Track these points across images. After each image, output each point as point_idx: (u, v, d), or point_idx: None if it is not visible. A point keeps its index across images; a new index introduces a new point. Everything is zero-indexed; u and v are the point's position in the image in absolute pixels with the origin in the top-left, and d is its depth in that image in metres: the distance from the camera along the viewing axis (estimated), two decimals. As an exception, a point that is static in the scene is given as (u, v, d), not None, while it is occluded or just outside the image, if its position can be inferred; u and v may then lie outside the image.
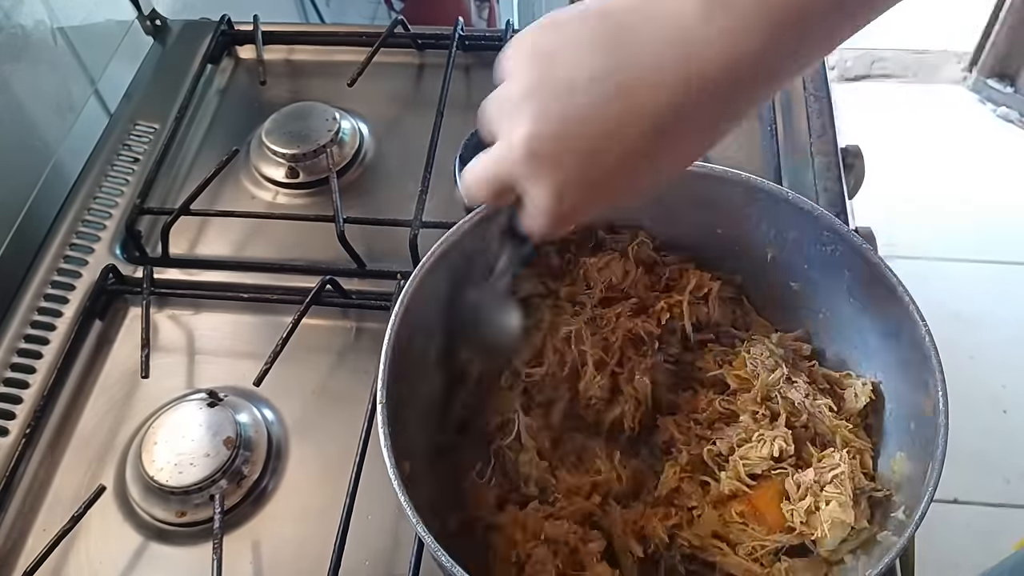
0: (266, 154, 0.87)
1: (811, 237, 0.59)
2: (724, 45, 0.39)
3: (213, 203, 0.85)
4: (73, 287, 0.79)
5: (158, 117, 0.93)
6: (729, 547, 0.56)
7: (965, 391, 1.67)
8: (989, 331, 1.83)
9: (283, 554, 0.64)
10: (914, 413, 0.54)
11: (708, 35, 0.39)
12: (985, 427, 1.68)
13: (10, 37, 0.84)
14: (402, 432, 0.52)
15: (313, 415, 0.71)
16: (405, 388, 0.55)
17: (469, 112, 0.91)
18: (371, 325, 0.76)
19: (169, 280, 0.79)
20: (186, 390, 0.73)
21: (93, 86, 0.96)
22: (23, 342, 0.76)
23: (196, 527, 0.65)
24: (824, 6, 0.39)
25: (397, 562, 0.63)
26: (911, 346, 0.54)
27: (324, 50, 1.00)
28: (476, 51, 0.97)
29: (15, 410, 0.72)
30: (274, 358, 0.70)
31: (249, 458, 0.67)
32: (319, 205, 0.85)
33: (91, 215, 0.85)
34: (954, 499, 1.60)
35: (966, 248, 1.98)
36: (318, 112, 0.89)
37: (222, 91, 0.97)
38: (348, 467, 0.64)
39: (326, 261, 0.80)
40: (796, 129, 0.86)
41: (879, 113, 2.29)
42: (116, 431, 0.71)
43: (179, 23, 1.03)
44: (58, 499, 0.68)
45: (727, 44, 0.39)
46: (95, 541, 0.65)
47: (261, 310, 0.77)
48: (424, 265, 0.57)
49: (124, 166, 0.89)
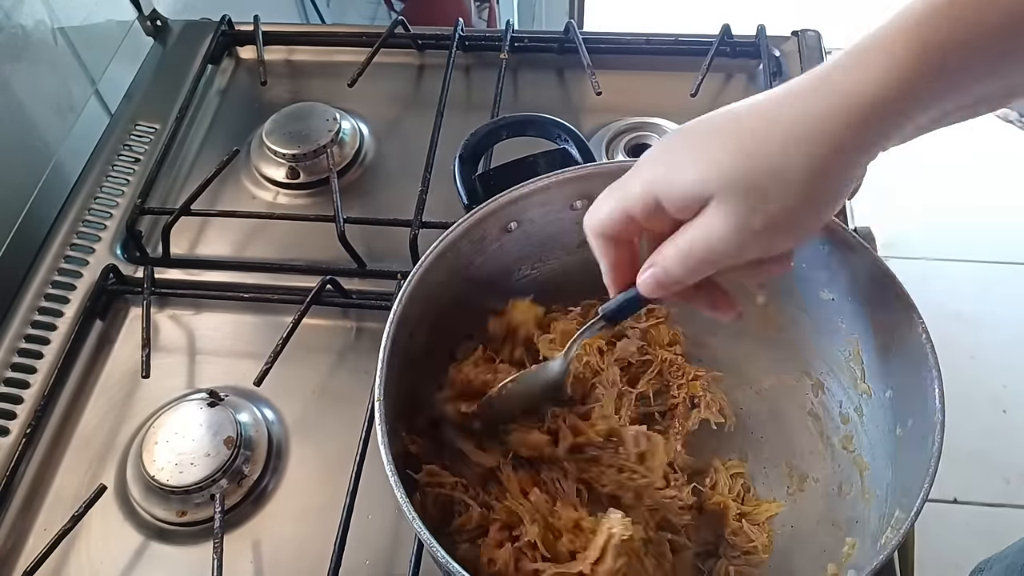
0: (267, 154, 0.87)
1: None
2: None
3: (214, 203, 0.85)
4: (74, 287, 0.79)
5: (159, 117, 0.93)
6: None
7: (965, 391, 1.68)
8: (989, 331, 1.83)
9: (283, 554, 0.64)
10: (912, 410, 0.54)
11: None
12: (985, 427, 1.68)
13: (10, 37, 0.84)
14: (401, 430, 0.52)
15: (313, 415, 0.71)
16: (403, 386, 0.55)
17: (469, 112, 0.92)
18: (371, 325, 0.76)
19: (170, 280, 0.80)
20: (187, 390, 0.73)
21: (94, 86, 0.96)
22: (24, 342, 0.76)
23: (197, 527, 0.65)
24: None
25: (397, 562, 0.63)
26: (908, 344, 0.54)
27: (324, 50, 1.00)
28: (476, 51, 0.97)
29: (16, 410, 0.72)
30: (274, 358, 0.70)
31: (249, 458, 0.67)
32: (319, 205, 0.85)
33: (92, 215, 0.85)
34: (954, 499, 1.60)
35: (966, 248, 1.97)
36: (318, 112, 0.89)
37: (222, 91, 0.97)
38: (348, 467, 0.64)
39: (326, 261, 0.80)
40: (796, 129, 0.86)
41: (879, 113, 2.29)
42: (117, 431, 0.71)
43: (179, 23, 1.03)
44: (59, 499, 0.68)
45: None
46: (96, 541, 0.65)
47: (261, 310, 0.78)
48: (422, 264, 0.57)
49: (125, 166, 0.89)
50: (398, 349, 0.55)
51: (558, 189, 0.62)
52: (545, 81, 0.95)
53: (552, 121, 0.71)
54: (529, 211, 0.62)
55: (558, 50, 0.95)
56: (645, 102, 0.90)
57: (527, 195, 0.61)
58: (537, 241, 0.65)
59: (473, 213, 0.59)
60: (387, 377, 0.53)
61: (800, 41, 0.95)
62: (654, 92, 0.92)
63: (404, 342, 0.56)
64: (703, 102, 0.88)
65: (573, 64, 0.93)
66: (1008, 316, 1.86)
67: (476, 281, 0.64)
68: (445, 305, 0.61)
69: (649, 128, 0.87)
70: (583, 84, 0.91)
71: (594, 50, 0.92)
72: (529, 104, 0.91)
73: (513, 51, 0.95)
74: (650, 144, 0.85)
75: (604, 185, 0.57)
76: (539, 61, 0.96)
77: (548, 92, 0.94)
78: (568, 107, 0.92)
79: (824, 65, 0.41)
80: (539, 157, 0.68)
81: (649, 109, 0.89)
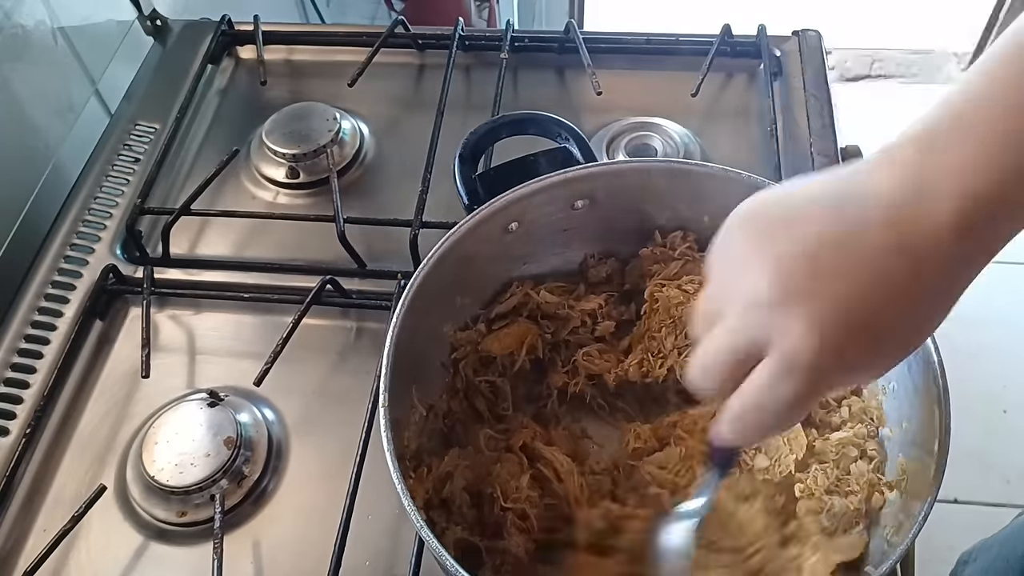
0: (266, 154, 0.87)
1: None
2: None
3: (214, 203, 0.85)
4: (74, 287, 0.79)
5: (158, 117, 0.93)
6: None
7: (965, 391, 1.67)
8: (989, 331, 1.83)
9: (283, 554, 0.64)
10: (915, 413, 0.54)
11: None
12: (985, 427, 1.68)
13: (10, 37, 0.84)
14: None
15: (313, 415, 0.71)
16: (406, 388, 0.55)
17: (469, 112, 0.91)
18: (371, 325, 0.76)
19: (170, 280, 0.79)
20: (186, 390, 0.73)
21: (93, 86, 0.96)
22: (24, 342, 0.76)
23: (197, 527, 0.65)
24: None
25: (397, 562, 0.63)
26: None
27: (324, 50, 1.00)
28: (476, 51, 0.97)
29: (16, 410, 0.72)
30: (274, 358, 0.70)
31: (250, 458, 0.67)
32: (319, 205, 0.85)
33: (92, 215, 0.85)
34: (954, 499, 1.60)
35: (966, 248, 1.97)
36: (318, 112, 0.89)
37: (222, 91, 0.97)
38: (348, 467, 0.64)
39: (326, 261, 0.80)
40: (796, 129, 0.86)
41: (879, 113, 2.29)
42: (117, 431, 0.71)
43: (179, 23, 1.03)
44: (59, 499, 0.68)
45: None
46: (96, 541, 0.65)
47: (261, 310, 0.77)
48: (425, 266, 0.57)
49: (125, 166, 0.89)
50: (401, 351, 0.55)
51: (559, 189, 0.62)
52: (545, 81, 0.95)
53: (553, 119, 0.70)
54: (530, 211, 0.62)
55: (558, 50, 0.95)
56: (645, 102, 0.90)
57: (528, 195, 0.61)
58: (538, 240, 0.65)
59: (475, 214, 0.59)
60: (392, 377, 0.53)
61: (800, 41, 0.95)
62: (654, 92, 0.91)
63: (406, 345, 0.55)
64: (703, 102, 0.88)
65: (573, 64, 0.93)
66: (1008, 316, 1.86)
67: (477, 281, 0.64)
68: (447, 306, 0.61)
69: (649, 128, 0.86)
70: (583, 84, 0.91)
71: (594, 50, 0.92)
72: (529, 104, 0.91)
73: (513, 51, 0.95)
74: (650, 144, 0.85)
75: (606, 185, 0.57)
76: (539, 61, 0.96)
77: (548, 92, 0.94)
78: (568, 107, 0.92)
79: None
80: (540, 156, 0.67)
81: (649, 109, 0.89)
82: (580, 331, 0.67)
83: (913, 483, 0.53)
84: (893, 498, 0.54)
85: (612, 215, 0.66)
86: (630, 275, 0.69)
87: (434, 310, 0.60)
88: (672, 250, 0.66)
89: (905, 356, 0.39)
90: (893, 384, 0.57)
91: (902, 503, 0.53)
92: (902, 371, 0.56)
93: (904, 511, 0.52)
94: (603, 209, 0.65)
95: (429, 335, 0.61)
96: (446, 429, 0.63)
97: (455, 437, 0.63)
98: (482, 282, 0.65)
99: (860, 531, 0.55)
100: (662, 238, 0.67)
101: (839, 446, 0.58)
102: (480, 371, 0.64)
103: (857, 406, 0.60)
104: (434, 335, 0.63)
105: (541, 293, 0.66)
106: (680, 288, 0.64)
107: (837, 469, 0.57)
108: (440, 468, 0.58)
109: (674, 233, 0.66)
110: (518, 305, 0.66)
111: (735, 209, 0.40)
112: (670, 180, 0.63)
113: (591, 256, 0.69)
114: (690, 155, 0.83)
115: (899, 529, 0.51)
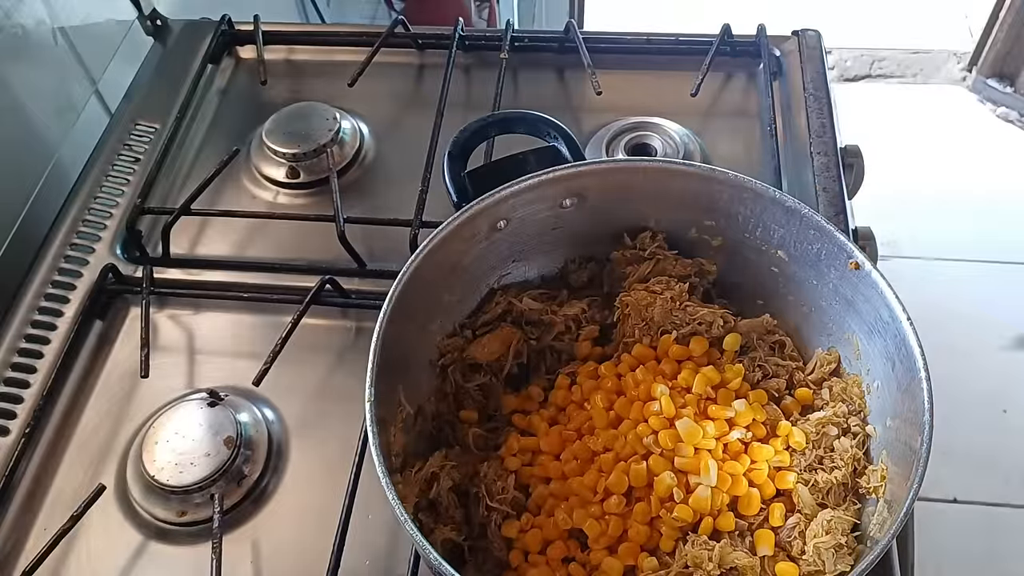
0: (267, 154, 0.87)
1: (797, 235, 0.60)
2: None
3: (214, 203, 0.85)
4: (74, 287, 0.79)
5: (159, 117, 0.93)
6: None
7: (965, 391, 1.68)
8: (989, 331, 1.83)
9: (283, 554, 0.64)
10: (900, 410, 0.54)
11: None
12: (985, 427, 1.68)
13: (10, 37, 0.84)
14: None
15: (313, 415, 0.71)
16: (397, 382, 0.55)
17: (469, 112, 0.91)
18: (371, 325, 0.75)
19: (169, 280, 0.80)
20: (186, 390, 0.73)
21: (93, 86, 0.96)
22: (24, 342, 0.76)
23: (196, 526, 0.65)
24: None
25: (397, 562, 0.63)
26: (897, 344, 0.54)
27: (324, 50, 1.00)
28: (476, 51, 0.97)
29: (15, 409, 0.72)
30: (274, 358, 0.70)
31: (249, 457, 0.67)
32: (319, 205, 0.85)
33: (92, 215, 0.85)
34: (954, 499, 1.60)
35: (966, 248, 1.97)
36: (318, 112, 0.89)
37: (222, 91, 0.97)
38: (348, 467, 0.64)
39: (326, 261, 0.80)
40: (796, 129, 0.86)
41: (879, 113, 2.29)
42: (116, 431, 0.71)
43: (179, 23, 1.03)
44: (58, 498, 0.68)
45: None
46: (95, 540, 0.65)
47: (261, 310, 0.77)
48: (413, 263, 0.57)
49: (125, 166, 0.89)
50: (388, 348, 0.55)
51: (548, 187, 0.62)
52: (545, 81, 0.95)
53: (541, 118, 0.70)
54: (519, 209, 0.62)
55: (558, 50, 0.95)
56: (645, 102, 0.90)
57: (517, 193, 0.61)
58: (526, 238, 0.65)
59: (463, 212, 0.59)
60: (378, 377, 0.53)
61: (800, 41, 0.95)
62: (654, 92, 0.91)
63: (393, 341, 0.55)
64: (703, 102, 0.88)
65: (573, 64, 0.93)
66: (1008, 316, 1.86)
67: (465, 279, 0.64)
68: (435, 303, 0.61)
69: (649, 128, 0.86)
70: (583, 84, 0.91)
71: (594, 50, 0.92)
72: (529, 103, 0.91)
73: (513, 51, 0.95)
74: (650, 143, 0.85)
75: (595, 183, 0.58)
76: (539, 61, 0.96)
77: (548, 92, 0.94)
78: (568, 107, 0.92)
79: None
80: (530, 154, 0.67)
81: (649, 109, 0.89)
82: (564, 337, 0.67)
83: (896, 480, 0.53)
84: (876, 499, 0.55)
85: (601, 214, 0.66)
86: (608, 278, 0.69)
87: (422, 307, 0.60)
88: (642, 251, 0.67)
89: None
90: (877, 383, 0.58)
91: (885, 502, 0.54)
92: (886, 370, 0.56)
93: (889, 508, 0.53)
94: (592, 208, 0.65)
95: (417, 333, 0.61)
96: (435, 431, 0.63)
97: (443, 437, 0.63)
98: (470, 279, 0.65)
99: (850, 504, 0.56)
100: (631, 239, 0.67)
101: (819, 425, 0.59)
102: (469, 376, 0.64)
103: (838, 387, 0.61)
104: (422, 333, 0.63)
105: (524, 300, 0.66)
106: (648, 290, 0.65)
107: (819, 449, 0.58)
108: (426, 469, 0.58)
109: (643, 233, 0.67)
110: (502, 312, 0.66)
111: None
112: (658, 180, 0.64)
113: (571, 261, 0.69)
114: (690, 155, 0.83)
115: (882, 526, 0.52)
